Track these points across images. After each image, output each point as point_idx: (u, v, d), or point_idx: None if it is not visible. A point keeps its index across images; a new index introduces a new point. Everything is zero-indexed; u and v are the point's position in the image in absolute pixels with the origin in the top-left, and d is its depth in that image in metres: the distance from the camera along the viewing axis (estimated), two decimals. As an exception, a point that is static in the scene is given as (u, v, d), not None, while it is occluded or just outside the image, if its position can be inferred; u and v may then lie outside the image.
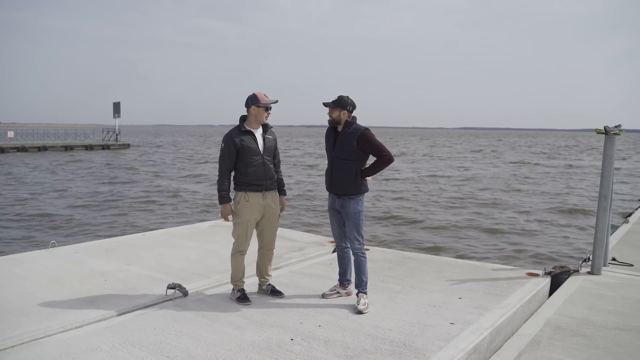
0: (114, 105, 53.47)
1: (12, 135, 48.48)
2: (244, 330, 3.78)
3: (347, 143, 4.27)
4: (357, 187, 4.30)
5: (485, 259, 9.60)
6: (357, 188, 4.31)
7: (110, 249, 6.16)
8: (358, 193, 4.32)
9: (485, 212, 15.67)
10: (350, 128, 4.29)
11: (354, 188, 4.30)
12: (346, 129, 4.30)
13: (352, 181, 4.29)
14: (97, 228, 13.20)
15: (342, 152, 4.30)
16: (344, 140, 4.29)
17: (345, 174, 4.29)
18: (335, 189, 4.38)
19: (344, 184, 4.31)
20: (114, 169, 30.87)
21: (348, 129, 4.29)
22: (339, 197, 4.38)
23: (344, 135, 4.30)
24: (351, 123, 4.31)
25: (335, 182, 4.37)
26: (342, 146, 4.29)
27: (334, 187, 4.39)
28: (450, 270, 5.47)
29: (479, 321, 3.95)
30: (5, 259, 5.74)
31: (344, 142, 4.28)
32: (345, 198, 4.33)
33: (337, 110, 4.31)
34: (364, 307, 4.21)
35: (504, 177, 27.28)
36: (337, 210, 4.44)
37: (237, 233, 4.44)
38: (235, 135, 4.36)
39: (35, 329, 3.72)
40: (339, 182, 4.34)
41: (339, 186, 4.35)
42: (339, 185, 4.35)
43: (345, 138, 4.28)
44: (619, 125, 5.29)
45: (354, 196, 4.32)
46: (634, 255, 6.19)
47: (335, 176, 4.35)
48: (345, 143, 4.28)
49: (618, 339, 3.77)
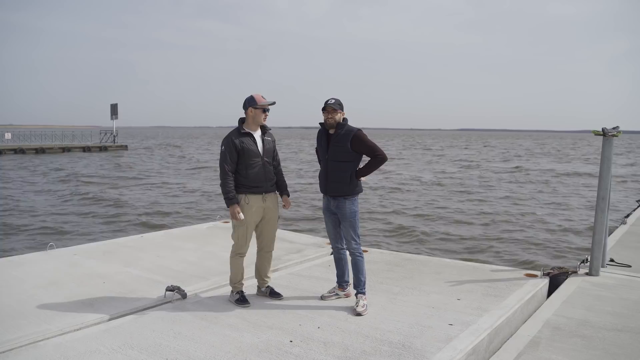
0: (111, 107, 53.43)
1: (9, 137, 48.38)
2: (243, 332, 3.78)
3: (341, 145, 4.27)
4: (352, 188, 4.33)
5: (484, 260, 9.60)
6: (353, 189, 4.33)
7: (109, 251, 6.15)
8: (353, 194, 4.34)
9: (484, 213, 15.68)
10: (343, 130, 4.30)
11: (350, 189, 4.32)
12: (339, 131, 4.31)
13: (348, 182, 4.30)
14: (95, 230, 13.18)
15: (336, 154, 4.30)
16: (338, 142, 4.29)
17: (341, 175, 4.30)
18: (331, 190, 4.38)
19: (340, 185, 4.32)
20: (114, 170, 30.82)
21: (341, 131, 4.30)
22: (334, 199, 4.38)
23: (337, 137, 4.30)
24: (343, 125, 4.33)
25: (330, 184, 4.37)
26: (336, 148, 4.30)
27: (329, 189, 4.39)
28: (449, 271, 5.48)
29: (478, 322, 3.95)
30: (3, 261, 5.72)
31: (338, 143, 4.29)
32: (340, 199, 4.35)
33: (340, 112, 4.33)
34: (362, 309, 4.21)
35: (502, 178, 27.32)
36: (332, 211, 4.45)
37: (237, 235, 4.43)
38: (235, 137, 4.36)
39: (33, 331, 3.71)
40: (334, 184, 4.34)
41: (334, 188, 4.36)
42: (334, 187, 4.35)
43: (339, 140, 4.29)
44: (617, 127, 5.31)
45: (350, 197, 4.33)
46: (632, 256, 6.20)
47: (330, 178, 4.36)
48: (339, 145, 4.28)
49: (616, 340, 3.78)
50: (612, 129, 5.29)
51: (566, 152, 60.87)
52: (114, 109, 53.20)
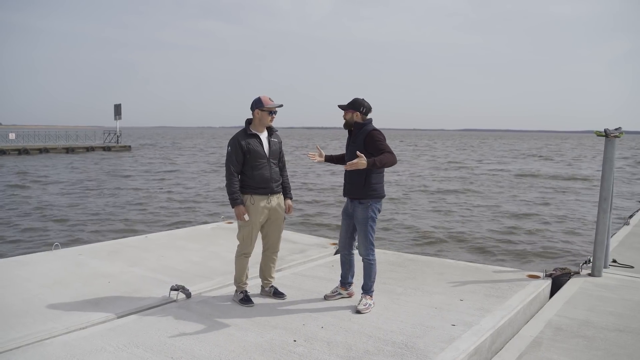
0: (114, 107, 53.52)
1: (13, 137, 48.52)
2: (247, 332, 3.81)
3: (357, 145, 4.23)
4: (366, 192, 4.23)
5: (487, 261, 9.61)
6: (366, 192, 4.23)
7: (114, 251, 6.19)
8: (367, 198, 4.24)
9: (486, 214, 15.68)
10: (360, 130, 4.27)
11: (363, 192, 4.24)
12: (357, 132, 4.29)
13: (362, 185, 4.23)
14: (100, 229, 13.23)
15: (353, 155, 4.15)
16: (355, 142, 4.28)
17: (355, 177, 4.25)
18: (347, 192, 4.37)
19: (354, 187, 4.28)
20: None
21: (359, 131, 4.28)
22: (351, 202, 4.37)
23: (355, 137, 4.30)
24: (362, 124, 4.28)
25: (347, 186, 4.36)
26: (353, 148, 4.24)
27: (346, 190, 4.38)
28: (452, 272, 5.50)
29: (480, 323, 3.97)
30: (9, 260, 5.77)
31: (355, 144, 4.27)
32: (355, 202, 4.31)
33: (350, 112, 4.31)
34: (363, 307, 4.23)
35: (504, 179, 27.30)
36: (349, 214, 4.42)
37: (242, 236, 4.46)
38: (242, 138, 4.38)
39: (40, 330, 3.75)
40: (350, 185, 4.32)
41: (350, 190, 4.33)
42: (350, 189, 4.33)
43: (356, 140, 4.27)
44: (619, 128, 5.31)
45: (364, 200, 4.25)
46: (635, 257, 6.20)
47: (347, 180, 4.34)
48: (355, 145, 4.25)
49: (619, 341, 3.79)
50: (614, 130, 5.30)
51: (572, 154, 60.58)
52: (117, 109, 53.30)
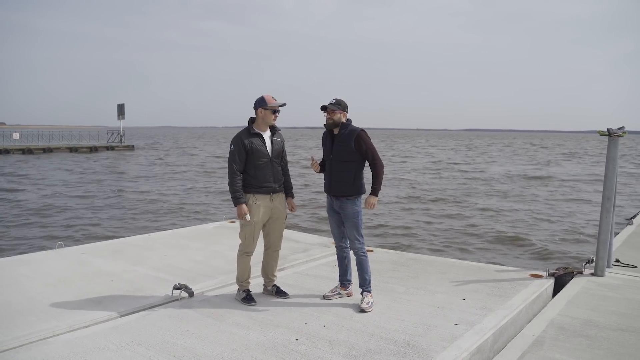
0: (118, 107, 53.61)
1: (17, 137, 48.69)
2: (250, 330, 3.82)
3: (344, 145, 4.31)
4: (355, 189, 4.35)
5: (489, 261, 9.60)
6: (356, 189, 4.36)
7: (117, 250, 6.21)
8: (356, 194, 4.37)
9: (488, 214, 15.66)
10: (346, 130, 4.34)
11: (352, 189, 4.35)
12: (342, 131, 4.35)
13: (351, 183, 4.34)
14: (103, 229, 13.27)
15: (340, 154, 4.34)
16: (342, 142, 4.34)
17: (344, 176, 4.34)
18: (334, 190, 4.42)
19: (343, 185, 4.36)
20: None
21: (345, 131, 4.35)
22: (337, 199, 4.42)
23: (341, 137, 4.35)
24: (346, 125, 4.37)
25: (334, 184, 4.41)
26: (339, 148, 4.34)
27: (333, 189, 4.43)
28: (454, 271, 5.50)
29: (483, 322, 3.97)
30: (12, 259, 5.80)
31: (342, 143, 4.33)
32: (343, 199, 4.38)
33: (339, 113, 4.36)
34: (367, 305, 4.24)
35: (509, 177, 27.25)
36: (335, 211, 4.49)
37: (244, 234, 4.47)
38: (245, 137, 4.39)
39: (43, 328, 3.77)
40: (338, 184, 4.38)
41: (337, 188, 4.39)
42: (337, 187, 4.39)
43: (343, 140, 4.33)
44: (623, 127, 5.30)
45: (352, 197, 4.36)
46: (638, 257, 6.19)
47: (334, 178, 4.39)
48: (343, 145, 4.33)
49: (621, 340, 3.79)
50: (618, 130, 5.29)
51: (580, 153, 60.36)
52: (120, 109, 53.39)
